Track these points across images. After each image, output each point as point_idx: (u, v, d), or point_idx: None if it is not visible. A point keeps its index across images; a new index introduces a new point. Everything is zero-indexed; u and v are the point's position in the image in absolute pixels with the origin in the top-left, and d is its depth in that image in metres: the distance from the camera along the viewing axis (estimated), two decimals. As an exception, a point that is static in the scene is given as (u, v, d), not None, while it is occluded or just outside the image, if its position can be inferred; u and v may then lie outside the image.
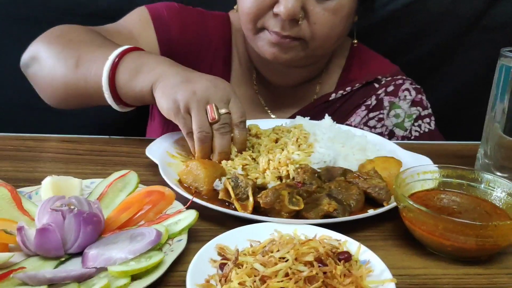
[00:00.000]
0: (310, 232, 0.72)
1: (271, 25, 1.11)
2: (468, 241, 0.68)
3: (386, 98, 1.31)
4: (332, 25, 1.13)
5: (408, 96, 1.30)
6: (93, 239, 0.69)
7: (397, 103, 1.30)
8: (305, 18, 1.10)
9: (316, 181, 0.84)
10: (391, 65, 1.38)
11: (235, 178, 0.81)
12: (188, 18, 1.30)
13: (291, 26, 1.10)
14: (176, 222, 0.72)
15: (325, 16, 1.10)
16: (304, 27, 1.11)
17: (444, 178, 0.83)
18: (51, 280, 0.59)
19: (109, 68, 0.98)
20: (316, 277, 0.60)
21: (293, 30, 1.10)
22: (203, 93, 0.90)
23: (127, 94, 1.01)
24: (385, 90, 1.31)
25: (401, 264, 0.71)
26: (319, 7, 1.10)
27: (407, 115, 1.30)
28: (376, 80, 1.33)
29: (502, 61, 0.88)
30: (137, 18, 1.26)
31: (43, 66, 1.10)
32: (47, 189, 0.79)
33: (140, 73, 0.97)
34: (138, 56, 1.01)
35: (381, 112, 1.30)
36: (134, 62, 0.99)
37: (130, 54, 1.01)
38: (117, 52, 1.00)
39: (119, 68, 0.99)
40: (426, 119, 1.31)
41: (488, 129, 0.93)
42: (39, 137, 1.11)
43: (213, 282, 0.61)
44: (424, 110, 1.32)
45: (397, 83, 1.32)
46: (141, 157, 0.97)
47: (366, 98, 1.31)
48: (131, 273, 0.61)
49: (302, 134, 0.96)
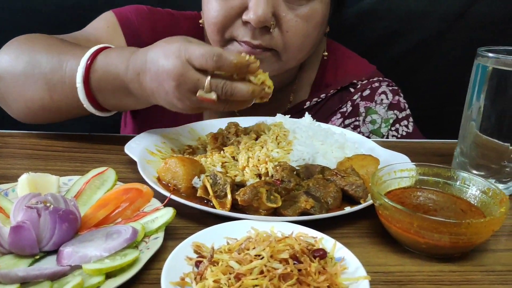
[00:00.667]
0: (287, 229, 0.72)
1: (240, 34, 1.06)
2: (442, 239, 0.69)
3: (362, 104, 1.28)
4: (305, 33, 1.08)
5: (385, 99, 1.28)
6: (69, 236, 0.69)
7: (373, 108, 1.28)
8: (276, 26, 1.05)
9: (294, 179, 0.84)
10: (367, 66, 1.35)
11: (214, 175, 0.81)
12: (158, 21, 1.25)
13: (262, 34, 1.05)
14: (153, 220, 0.72)
15: (297, 23, 1.06)
16: (276, 35, 1.06)
17: (421, 176, 0.84)
18: (24, 278, 0.58)
19: (82, 75, 0.95)
20: (291, 274, 0.60)
21: (264, 39, 1.05)
22: (176, 90, 0.86)
23: (105, 97, 0.98)
24: (361, 95, 1.28)
25: (377, 261, 0.72)
26: (291, 13, 1.05)
27: (383, 120, 1.27)
28: (352, 84, 1.29)
29: (479, 60, 0.89)
30: (104, 25, 1.21)
31: (9, 85, 1.02)
32: (24, 186, 0.78)
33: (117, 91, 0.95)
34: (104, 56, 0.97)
35: (357, 119, 1.28)
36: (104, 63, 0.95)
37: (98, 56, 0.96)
38: (88, 55, 0.96)
39: (93, 69, 0.96)
40: (403, 122, 1.29)
41: (465, 127, 0.94)
42: (17, 134, 1.10)
43: (188, 279, 0.61)
44: (401, 112, 1.29)
45: (373, 86, 1.29)
46: (120, 154, 0.97)
47: (341, 104, 1.28)
48: (105, 270, 0.60)
49: (282, 131, 0.96)
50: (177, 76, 0.85)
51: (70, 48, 1.01)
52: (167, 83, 0.86)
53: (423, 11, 1.56)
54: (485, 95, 0.88)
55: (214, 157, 0.93)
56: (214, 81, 0.85)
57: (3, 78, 1.03)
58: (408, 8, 1.56)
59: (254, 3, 1.01)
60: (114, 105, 1.02)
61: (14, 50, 1.04)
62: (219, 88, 0.85)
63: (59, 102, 1.01)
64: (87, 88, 0.96)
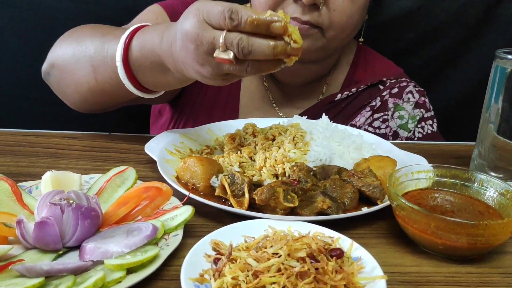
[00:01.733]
0: (304, 229, 0.73)
1: (291, 11, 1.11)
2: (460, 240, 0.69)
3: (390, 100, 1.33)
4: (350, 13, 1.15)
5: (412, 98, 1.33)
6: (91, 233, 0.70)
7: (401, 105, 1.32)
8: (324, 4, 1.11)
9: (311, 179, 0.85)
10: (395, 68, 1.41)
11: (232, 175, 0.83)
12: None
13: (311, 11, 1.11)
14: (173, 218, 0.74)
15: (344, 3, 1.12)
16: (323, 13, 1.12)
17: (438, 178, 0.84)
18: (48, 272, 0.60)
19: (121, 51, 0.95)
20: (308, 273, 0.61)
21: (313, 15, 1.11)
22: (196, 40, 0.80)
23: (144, 74, 0.97)
24: (390, 92, 1.33)
25: (393, 261, 0.72)
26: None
27: (410, 116, 1.32)
28: (381, 82, 1.35)
29: (497, 62, 0.89)
30: (153, 16, 1.23)
31: (63, 71, 1.08)
32: (47, 184, 0.81)
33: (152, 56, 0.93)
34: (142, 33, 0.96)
35: (386, 113, 1.32)
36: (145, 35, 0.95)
37: (136, 35, 0.96)
38: (126, 35, 0.96)
39: (131, 48, 0.96)
40: (429, 121, 1.33)
41: (483, 129, 0.94)
42: (40, 133, 1.12)
43: (207, 276, 0.62)
44: (427, 112, 1.34)
45: (401, 85, 1.34)
46: (140, 153, 0.99)
47: (371, 99, 1.33)
48: (126, 266, 0.62)
49: (299, 132, 0.97)
50: (194, 36, 0.80)
51: (112, 30, 1.04)
52: (188, 47, 0.82)
53: (448, 17, 1.56)
54: (504, 97, 0.88)
55: (232, 157, 0.94)
56: (229, 37, 0.77)
57: (56, 65, 1.09)
58: (434, 15, 1.57)
59: None
60: (154, 83, 1.00)
61: (65, 39, 1.10)
62: (234, 44, 0.77)
63: (103, 84, 1.02)
64: (126, 67, 0.96)
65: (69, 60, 1.06)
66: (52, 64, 1.10)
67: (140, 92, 1.00)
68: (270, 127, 1.02)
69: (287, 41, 0.77)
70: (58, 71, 1.09)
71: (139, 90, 1.00)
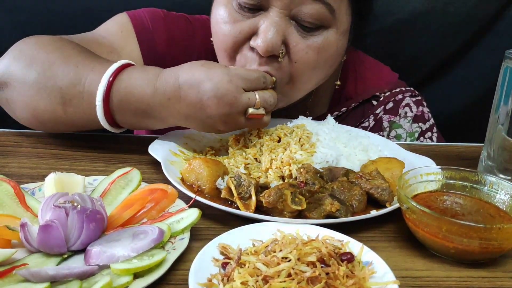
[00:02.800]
0: (313, 232, 0.72)
1: (248, 60, 0.99)
2: (472, 244, 0.68)
3: (385, 118, 1.24)
4: (315, 65, 1.00)
5: (409, 112, 1.24)
6: (96, 236, 0.69)
7: (398, 122, 1.24)
8: (286, 54, 0.98)
9: (318, 181, 0.83)
10: (389, 75, 1.29)
11: (238, 177, 0.81)
12: (174, 27, 1.20)
13: (271, 62, 0.97)
14: (179, 221, 0.72)
15: (308, 54, 0.98)
16: (284, 65, 0.98)
17: (447, 180, 0.83)
18: (54, 277, 0.59)
19: (104, 88, 0.91)
20: (319, 278, 0.59)
21: (272, 66, 0.97)
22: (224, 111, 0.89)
23: (131, 126, 1.00)
24: (384, 108, 1.24)
25: (404, 265, 0.71)
26: (302, 43, 0.97)
27: (408, 134, 1.24)
28: (374, 97, 1.25)
29: (507, 63, 0.88)
30: (118, 29, 1.15)
31: (19, 94, 0.97)
32: (50, 186, 0.79)
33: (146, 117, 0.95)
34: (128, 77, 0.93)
35: (381, 134, 1.24)
36: (127, 100, 0.92)
37: (120, 78, 0.92)
38: (110, 73, 0.92)
39: (111, 106, 0.93)
40: (428, 134, 1.25)
41: (492, 131, 0.93)
42: (42, 134, 1.11)
43: (215, 281, 0.61)
44: (425, 123, 1.25)
45: (396, 98, 1.24)
46: (144, 155, 0.97)
47: (363, 119, 1.24)
48: (133, 271, 0.61)
49: (305, 134, 0.96)
50: (231, 100, 0.88)
51: (89, 61, 0.96)
52: (215, 109, 0.88)
53: (459, 17, 1.56)
54: (514, 98, 0.87)
55: (237, 159, 0.93)
56: (263, 96, 0.92)
57: (11, 85, 0.97)
58: (443, 17, 1.57)
59: (263, 29, 0.94)
60: (132, 125, 0.99)
61: (25, 56, 0.98)
62: (267, 101, 0.92)
63: (73, 116, 0.97)
64: (106, 107, 0.93)
65: (30, 86, 0.96)
66: (5, 83, 0.98)
67: (113, 128, 0.98)
68: (275, 128, 1.01)
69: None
70: (12, 91, 0.98)
71: (113, 127, 0.98)
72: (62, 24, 1.50)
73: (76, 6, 1.52)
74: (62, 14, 1.52)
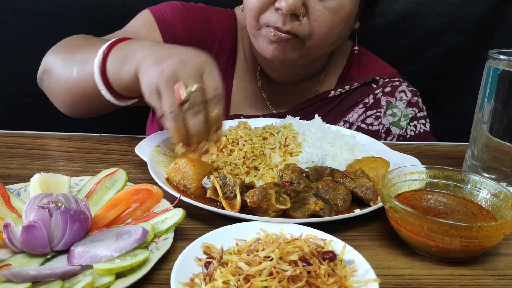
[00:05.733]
0: (297, 231, 0.72)
1: (272, 20, 1.14)
2: (453, 242, 0.68)
3: (383, 98, 1.34)
4: (331, 24, 1.15)
5: (404, 97, 1.34)
6: (80, 236, 0.69)
7: (394, 103, 1.34)
8: (305, 15, 1.12)
9: (303, 181, 0.84)
10: (389, 68, 1.42)
11: (223, 176, 0.82)
12: (191, 15, 1.32)
13: (292, 21, 1.12)
14: (163, 221, 0.73)
15: (325, 14, 1.13)
16: (304, 23, 1.13)
17: (431, 179, 0.83)
18: (35, 277, 0.59)
19: (99, 63, 0.98)
20: (300, 277, 0.60)
21: (293, 25, 1.12)
22: (171, 72, 0.85)
23: (120, 86, 0.99)
24: (383, 90, 1.35)
25: (386, 264, 0.71)
26: (320, 5, 1.12)
27: (403, 114, 1.33)
28: (374, 81, 1.37)
29: (490, 63, 0.89)
30: (141, 22, 1.28)
31: (52, 77, 1.11)
32: (36, 186, 0.79)
33: (125, 62, 0.95)
34: (123, 45, 1.00)
35: (378, 110, 1.34)
36: (119, 53, 0.98)
37: (116, 46, 1.00)
38: (105, 47, 0.99)
39: (107, 62, 0.98)
40: (421, 120, 1.34)
41: (476, 130, 0.93)
42: (30, 134, 1.11)
43: (198, 280, 0.61)
44: (420, 111, 1.35)
45: (394, 84, 1.35)
46: (131, 155, 0.97)
47: (364, 97, 1.35)
48: (115, 270, 0.61)
49: (291, 133, 0.96)
50: (183, 64, 0.87)
51: (106, 41, 1.04)
52: (177, 56, 0.88)
53: (447, 20, 1.60)
54: (496, 97, 0.87)
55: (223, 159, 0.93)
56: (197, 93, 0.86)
57: (48, 72, 1.12)
58: (433, 18, 1.62)
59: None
60: (114, 74, 1.00)
61: (56, 49, 1.14)
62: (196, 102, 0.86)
63: (78, 79, 1.04)
64: (104, 59, 0.99)
65: (58, 68, 1.09)
66: (44, 70, 1.14)
67: (120, 100, 1.03)
68: (263, 127, 1.01)
69: None
70: (48, 77, 1.12)
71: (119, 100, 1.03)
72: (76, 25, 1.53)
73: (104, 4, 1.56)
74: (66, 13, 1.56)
